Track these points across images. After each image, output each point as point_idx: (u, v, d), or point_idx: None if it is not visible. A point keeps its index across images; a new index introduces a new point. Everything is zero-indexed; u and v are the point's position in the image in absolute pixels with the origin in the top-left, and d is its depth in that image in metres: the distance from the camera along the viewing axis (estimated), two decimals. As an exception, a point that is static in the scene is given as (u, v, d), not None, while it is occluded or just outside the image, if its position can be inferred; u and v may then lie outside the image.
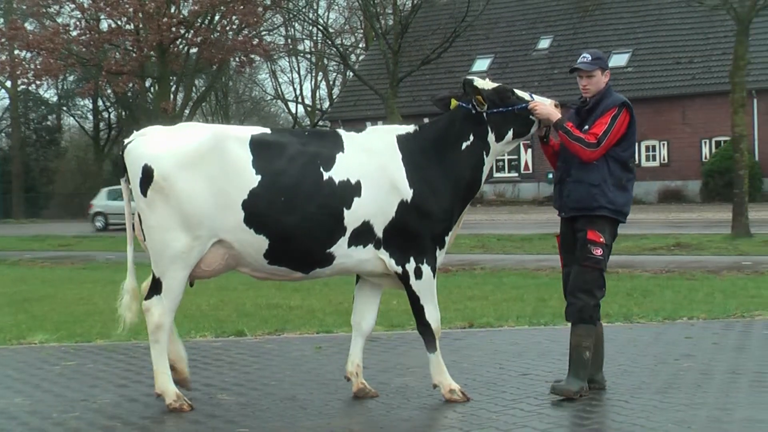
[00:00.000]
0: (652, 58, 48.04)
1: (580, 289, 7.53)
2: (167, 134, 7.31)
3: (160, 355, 7.29)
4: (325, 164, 7.22)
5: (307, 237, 7.16)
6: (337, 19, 68.81)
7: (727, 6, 25.21)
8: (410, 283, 7.41)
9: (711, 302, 12.77)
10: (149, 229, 7.21)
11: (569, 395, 7.37)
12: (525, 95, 7.73)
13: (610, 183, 7.51)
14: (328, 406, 7.40)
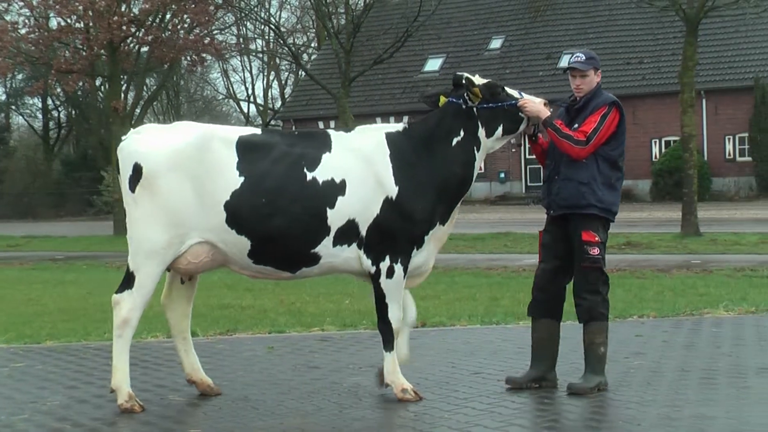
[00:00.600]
0: (603, 58, 47.99)
1: (585, 290, 7.65)
2: (159, 133, 7.43)
3: (122, 351, 7.27)
4: (309, 165, 7.26)
5: (290, 237, 7.21)
6: (289, 18, 68.73)
7: (676, 7, 25.46)
8: (380, 281, 7.42)
9: (661, 300, 12.89)
10: (132, 222, 7.31)
11: (586, 392, 7.46)
12: (514, 92, 7.79)
13: (599, 181, 7.60)
14: (281, 406, 7.38)
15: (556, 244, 7.78)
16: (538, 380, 7.80)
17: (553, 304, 7.92)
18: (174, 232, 7.15)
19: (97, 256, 25.65)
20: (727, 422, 6.61)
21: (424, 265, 7.74)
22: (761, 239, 22.11)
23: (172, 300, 7.77)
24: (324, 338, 10.47)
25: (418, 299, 13.53)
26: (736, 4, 26.63)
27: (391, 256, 7.39)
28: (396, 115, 51.45)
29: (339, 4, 34.75)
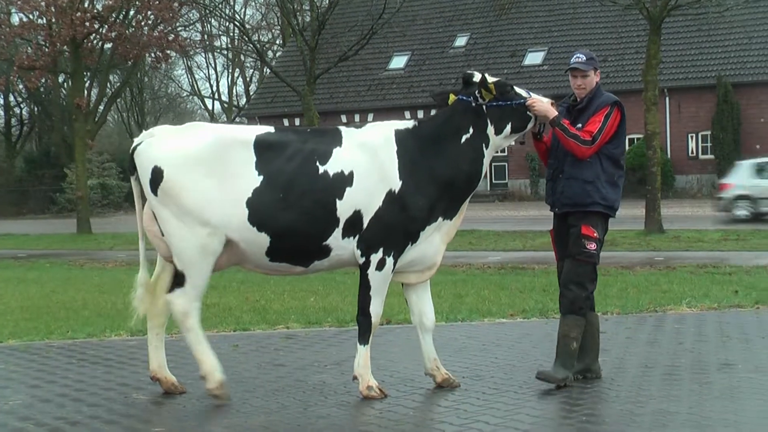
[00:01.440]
0: (567, 56, 48.01)
1: (572, 282, 7.77)
2: (175, 135, 7.46)
3: (198, 342, 7.42)
4: (321, 159, 7.38)
5: (304, 231, 7.31)
6: (254, 15, 68.60)
7: (640, 6, 25.61)
8: (368, 272, 7.47)
9: (624, 297, 12.96)
10: (165, 224, 7.35)
11: (554, 381, 7.58)
12: (522, 92, 7.86)
13: (603, 179, 7.75)
14: (246, 404, 7.36)
15: (566, 240, 7.93)
16: (582, 372, 7.96)
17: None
18: (209, 228, 7.22)
19: (60, 254, 25.49)
20: (690, 417, 6.66)
21: (430, 259, 7.78)
22: (723, 236, 22.32)
23: (157, 294, 7.75)
24: (289, 336, 10.45)
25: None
26: (699, 3, 26.84)
27: (385, 249, 7.45)
28: (361, 113, 51.53)
29: (304, 1, 34.65)
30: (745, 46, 44.78)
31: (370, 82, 52.51)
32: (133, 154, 7.49)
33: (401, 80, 52.09)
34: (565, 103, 8.21)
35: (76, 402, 7.35)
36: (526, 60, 49.36)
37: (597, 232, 7.74)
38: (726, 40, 45.19)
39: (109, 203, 53.56)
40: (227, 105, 70.68)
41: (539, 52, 49.43)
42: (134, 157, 7.48)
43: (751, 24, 43.81)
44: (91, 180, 47.13)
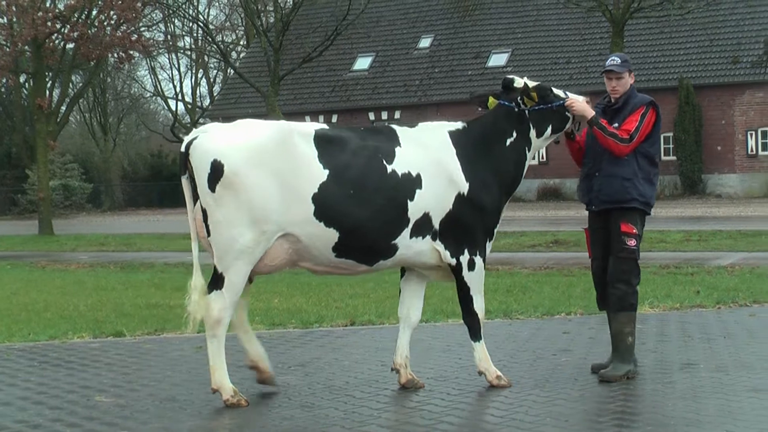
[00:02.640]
0: (531, 58, 48.75)
1: (618, 279, 8.02)
2: (232, 130, 7.31)
3: (217, 351, 7.30)
4: (386, 157, 7.43)
5: (376, 229, 7.34)
6: (218, 15, 68.39)
7: (603, 8, 25.79)
8: (462, 275, 7.70)
9: (588, 298, 12.96)
10: (215, 225, 7.20)
11: (616, 380, 7.81)
12: (560, 93, 8.07)
13: (640, 177, 8.00)
14: (209, 406, 7.33)
15: (602, 238, 8.16)
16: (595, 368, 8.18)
17: None
18: (260, 229, 7.11)
19: (22, 255, 25.28)
20: (653, 417, 6.71)
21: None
22: (685, 237, 22.46)
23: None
24: (253, 337, 10.40)
25: (346, 298, 13.60)
26: (661, 6, 27.08)
27: (470, 249, 7.68)
28: (325, 114, 51.46)
29: (268, 2, 34.62)
30: (706, 49, 45.14)
31: (334, 83, 52.46)
32: (187, 150, 7.26)
33: (365, 81, 52.09)
34: (601, 104, 8.42)
35: (38, 405, 7.30)
36: (490, 61, 49.48)
37: (636, 228, 7.99)
38: (688, 43, 45.53)
39: (72, 204, 53.17)
40: (191, 106, 70.36)
41: (503, 54, 49.57)
42: (189, 152, 7.24)
43: (713, 26, 44.17)
44: (53, 181, 46.76)
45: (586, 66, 46.31)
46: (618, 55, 8.44)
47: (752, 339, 9.62)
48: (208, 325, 7.31)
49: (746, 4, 45.42)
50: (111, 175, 60.63)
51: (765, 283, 14.19)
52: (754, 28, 45.34)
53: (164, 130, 72.80)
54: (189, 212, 7.43)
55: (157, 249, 25.16)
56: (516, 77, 8.03)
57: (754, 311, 11.54)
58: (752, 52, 44.59)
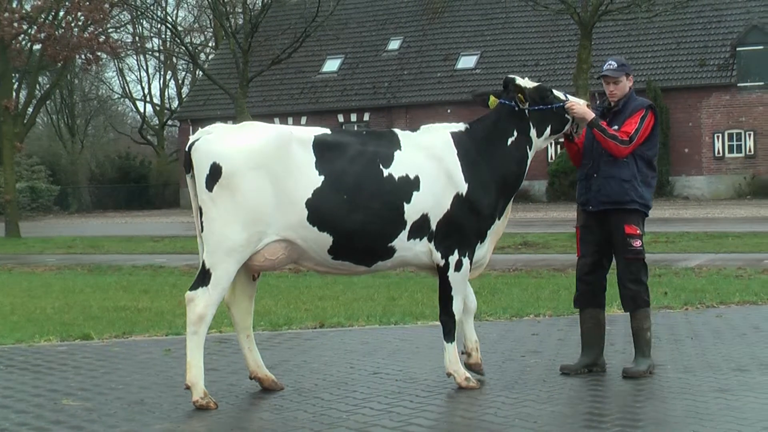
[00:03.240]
0: (500, 60, 48.94)
1: (629, 280, 8.21)
2: (234, 133, 7.46)
3: (196, 348, 7.33)
4: (384, 162, 7.54)
5: (371, 232, 7.46)
6: (186, 17, 68.24)
7: (571, 11, 25.86)
8: (448, 275, 7.76)
9: (556, 299, 13.06)
10: (209, 221, 7.32)
11: (641, 375, 8.02)
12: (560, 95, 8.19)
13: (639, 179, 8.17)
14: (177, 409, 7.29)
15: (595, 238, 8.31)
16: (589, 366, 8.30)
17: (597, 294, 8.48)
18: (253, 230, 7.23)
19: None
20: (621, 418, 6.73)
21: (483, 258, 8.11)
22: (653, 238, 22.57)
23: (236, 297, 7.77)
24: (221, 340, 10.38)
25: (316, 300, 13.59)
26: (629, 8, 27.19)
27: (460, 250, 7.74)
28: (294, 116, 51.44)
29: (237, 4, 34.49)
30: (674, 52, 45.51)
31: (303, 85, 52.44)
32: (190, 150, 7.46)
33: (334, 83, 52.10)
34: (600, 106, 8.55)
35: (4, 409, 7.23)
36: (459, 63, 49.63)
37: (639, 228, 8.19)
38: (655, 46, 45.87)
39: (39, 206, 52.84)
40: (159, 108, 70.10)
41: (472, 56, 49.75)
42: (191, 153, 7.44)
43: (680, 29, 44.53)
44: (20, 183, 46.44)
45: (555, 68, 46.54)
46: (615, 58, 8.56)
47: (719, 340, 9.68)
48: (190, 320, 7.32)
49: (713, 8, 45.82)
50: (78, 177, 60.31)
51: (732, 284, 14.30)
52: (720, 31, 45.76)
53: (132, 132, 72.57)
54: (194, 208, 7.58)
55: (125, 251, 25.03)
56: (517, 77, 8.16)
57: (720, 312, 11.61)
58: (719, 55, 44.99)
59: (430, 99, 48.21)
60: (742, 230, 24.88)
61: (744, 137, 44.44)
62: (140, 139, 70.20)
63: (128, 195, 58.86)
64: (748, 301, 12.34)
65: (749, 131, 44.26)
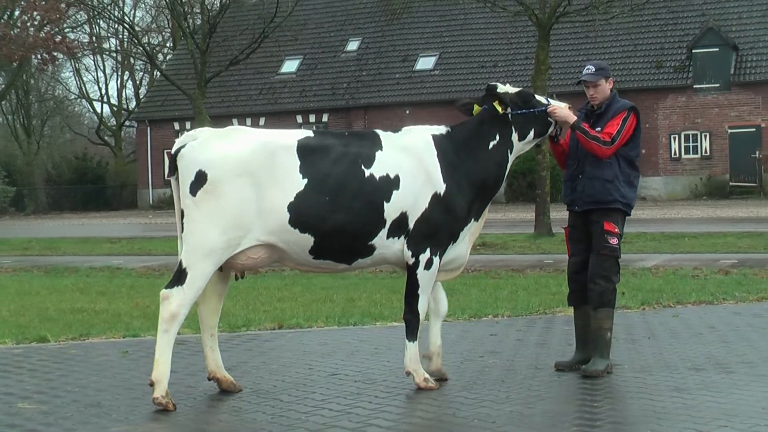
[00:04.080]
0: (458, 61, 49.07)
1: (599, 276, 8.31)
2: (220, 140, 7.50)
3: (166, 345, 7.34)
4: (365, 162, 7.66)
5: (352, 231, 7.58)
6: (144, 17, 67.80)
7: (529, 13, 25.99)
8: (416, 272, 7.82)
9: (515, 300, 13.12)
10: (190, 222, 7.41)
11: (599, 374, 8.10)
12: (543, 99, 8.37)
13: (621, 179, 8.36)
14: (135, 411, 7.24)
15: (583, 237, 8.50)
16: (583, 362, 8.40)
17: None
18: (233, 235, 7.32)
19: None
20: (579, 417, 6.77)
21: (461, 258, 8.25)
22: (610, 239, 22.72)
23: (205, 295, 7.75)
24: (179, 342, 10.27)
25: (274, 301, 13.56)
26: (586, 10, 27.35)
27: (432, 249, 7.83)
28: (252, 117, 51.29)
29: (195, 4, 34.32)
30: (630, 53, 45.84)
31: (261, 86, 52.31)
32: (176, 156, 7.51)
33: (293, 84, 52.02)
34: (583, 109, 8.71)
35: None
36: (417, 65, 49.71)
37: (618, 227, 8.32)
38: (612, 47, 46.19)
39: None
40: (116, 108, 69.62)
41: (431, 57, 49.84)
42: (177, 159, 7.49)
43: (637, 31, 44.87)
44: (-25, 184, 45.95)
45: (513, 69, 46.72)
46: (593, 63, 8.75)
47: (675, 339, 9.77)
48: (163, 318, 7.35)
49: (669, 10, 46.21)
50: (35, 179, 59.74)
51: (688, 284, 14.43)
52: (676, 33, 46.17)
53: (89, 132, 72.02)
54: (176, 211, 7.66)
55: (81, 253, 24.83)
56: (499, 84, 8.35)
57: (677, 312, 11.71)
58: (675, 57, 45.39)
59: (388, 100, 48.27)
60: (698, 231, 25.11)
61: (700, 138, 44.85)
62: (97, 140, 69.71)
63: (85, 196, 58.40)
64: (704, 301, 12.45)
65: (705, 132, 44.69)
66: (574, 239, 8.60)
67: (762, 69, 43.70)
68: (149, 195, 54.50)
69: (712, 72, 44.17)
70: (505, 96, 8.15)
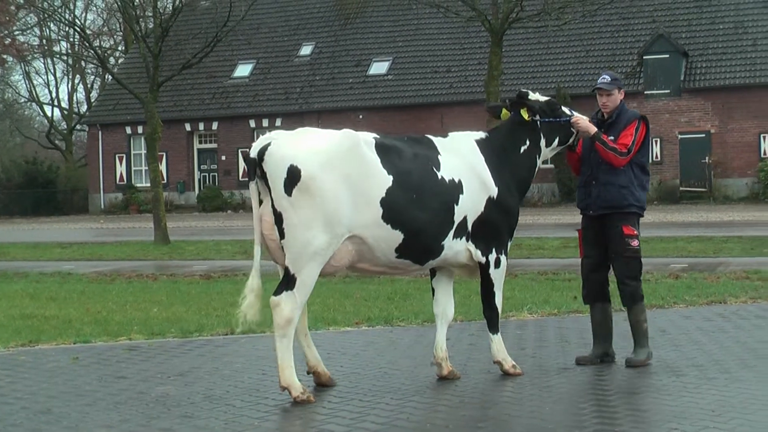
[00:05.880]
0: (412, 66, 49.13)
1: (628, 277, 8.85)
2: (303, 137, 7.64)
3: (286, 350, 7.53)
4: (435, 165, 8.04)
5: (432, 231, 7.91)
6: (96, 20, 67.22)
7: (482, 18, 26.10)
8: (489, 272, 8.37)
9: (468, 304, 13.10)
10: (291, 228, 7.46)
11: (642, 363, 8.68)
12: (566, 110, 8.88)
13: (635, 184, 8.86)
14: (86, 418, 7.18)
15: (597, 239, 8.93)
16: (602, 356, 8.95)
17: (602, 289, 9.07)
18: (333, 232, 7.46)
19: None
20: (531, 421, 6.80)
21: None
22: (563, 243, 22.86)
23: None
24: (131, 347, 10.26)
25: (227, 306, 13.46)
26: (539, 16, 27.53)
27: (497, 249, 8.38)
28: (205, 121, 51.09)
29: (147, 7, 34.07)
30: (582, 59, 46.15)
31: (214, 90, 52.08)
32: (260, 156, 7.50)
33: (246, 88, 51.85)
34: (594, 118, 9.14)
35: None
36: (371, 69, 49.73)
37: (636, 229, 8.83)
38: (565, 53, 46.48)
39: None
40: (67, 112, 68.99)
41: (384, 62, 49.87)
42: (264, 158, 7.48)
43: (589, 37, 45.20)
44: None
45: (466, 74, 46.90)
46: (608, 73, 9.22)
47: (627, 343, 9.81)
48: (278, 325, 7.54)
49: (620, 17, 46.58)
50: (-17, 183, 59.07)
51: (639, 288, 14.51)
52: (628, 39, 46.56)
53: (39, 136, 71.26)
54: (255, 216, 7.73)
55: (31, 258, 24.57)
56: (530, 91, 8.82)
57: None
58: (626, 63, 45.75)
59: (342, 105, 48.26)
60: (649, 235, 25.28)
61: (651, 144, 45.23)
62: (48, 144, 68.99)
63: (35, 201, 57.74)
64: (655, 305, 12.53)
65: (655, 138, 45.01)
66: (587, 241, 9.01)
67: (711, 75, 44.20)
68: (101, 200, 54.05)
69: (662, 78, 44.57)
70: (535, 104, 8.68)
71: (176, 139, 51.32)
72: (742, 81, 43.54)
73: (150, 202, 33.36)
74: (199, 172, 52.69)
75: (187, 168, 52.27)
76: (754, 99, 43.28)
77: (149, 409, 7.42)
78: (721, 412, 6.95)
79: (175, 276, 18.40)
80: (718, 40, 45.35)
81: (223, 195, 50.29)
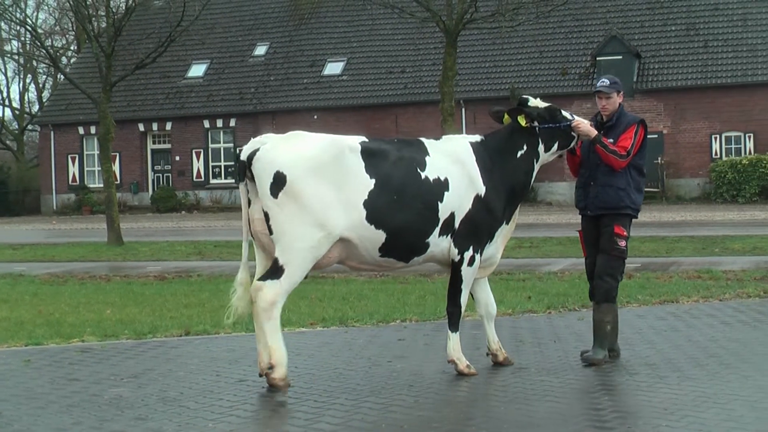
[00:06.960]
0: (366, 67, 49.14)
1: (607, 274, 9.00)
2: (291, 142, 7.95)
3: (276, 331, 7.83)
4: (420, 166, 8.29)
5: (414, 229, 8.18)
6: (47, 19, 66.65)
7: (436, 19, 26.15)
8: (461, 269, 8.51)
9: (422, 305, 13.16)
10: (279, 224, 7.80)
11: (597, 362, 8.76)
12: (567, 115, 9.04)
13: (632, 187, 9.08)
14: (38, 421, 7.11)
15: (596, 239, 9.15)
16: (608, 351, 8.99)
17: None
18: (325, 231, 7.77)
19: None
20: (486, 421, 6.83)
21: (494, 257, 8.96)
22: (517, 244, 22.96)
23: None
24: (84, 349, 10.17)
25: (181, 307, 13.43)
26: (493, 17, 27.62)
27: (474, 247, 8.54)
28: (159, 121, 50.80)
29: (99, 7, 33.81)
30: (536, 60, 46.39)
31: (168, 90, 51.79)
32: (251, 160, 7.85)
33: (200, 89, 51.61)
34: (594, 121, 9.33)
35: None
36: (325, 70, 49.68)
37: (626, 231, 9.03)
38: (519, 54, 46.70)
39: None
40: (18, 112, 68.31)
41: (338, 63, 49.84)
42: (253, 162, 7.84)
43: (542, 38, 45.38)
44: None
45: (420, 75, 46.99)
46: (608, 76, 9.40)
47: (581, 342, 9.89)
48: (262, 308, 7.77)
49: (574, 18, 46.86)
50: (-68, 184, 58.26)
51: (592, 288, 14.60)
52: (581, 41, 46.89)
53: (-10, 136, 70.48)
54: (243, 215, 8.13)
55: (-18, 260, 24.29)
56: (530, 97, 9.08)
57: (582, 315, 11.86)
58: (580, 64, 46.08)
59: (296, 105, 48.15)
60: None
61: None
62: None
63: (-15, 202, 57.12)
64: (609, 305, 12.63)
65: (609, 138, 45.44)
66: (588, 241, 9.26)
67: (664, 76, 44.60)
68: (53, 200, 53.56)
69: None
70: (534, 110, 8.89)
71: (129, 139, 50.98)
72: (694, 82, 44.01)
73: (103, 202, 33.16)
74: (153, 173, 52.36)
75: (141, 168, 51.94)
76: (705, 100, 43.76)
77: (102, 412, 7.36)
78: (673, 411, 7.02)
79: (128, 277, 18.28)
80: (670, 41, 45.81)
81: (177, 196, 50.03)
